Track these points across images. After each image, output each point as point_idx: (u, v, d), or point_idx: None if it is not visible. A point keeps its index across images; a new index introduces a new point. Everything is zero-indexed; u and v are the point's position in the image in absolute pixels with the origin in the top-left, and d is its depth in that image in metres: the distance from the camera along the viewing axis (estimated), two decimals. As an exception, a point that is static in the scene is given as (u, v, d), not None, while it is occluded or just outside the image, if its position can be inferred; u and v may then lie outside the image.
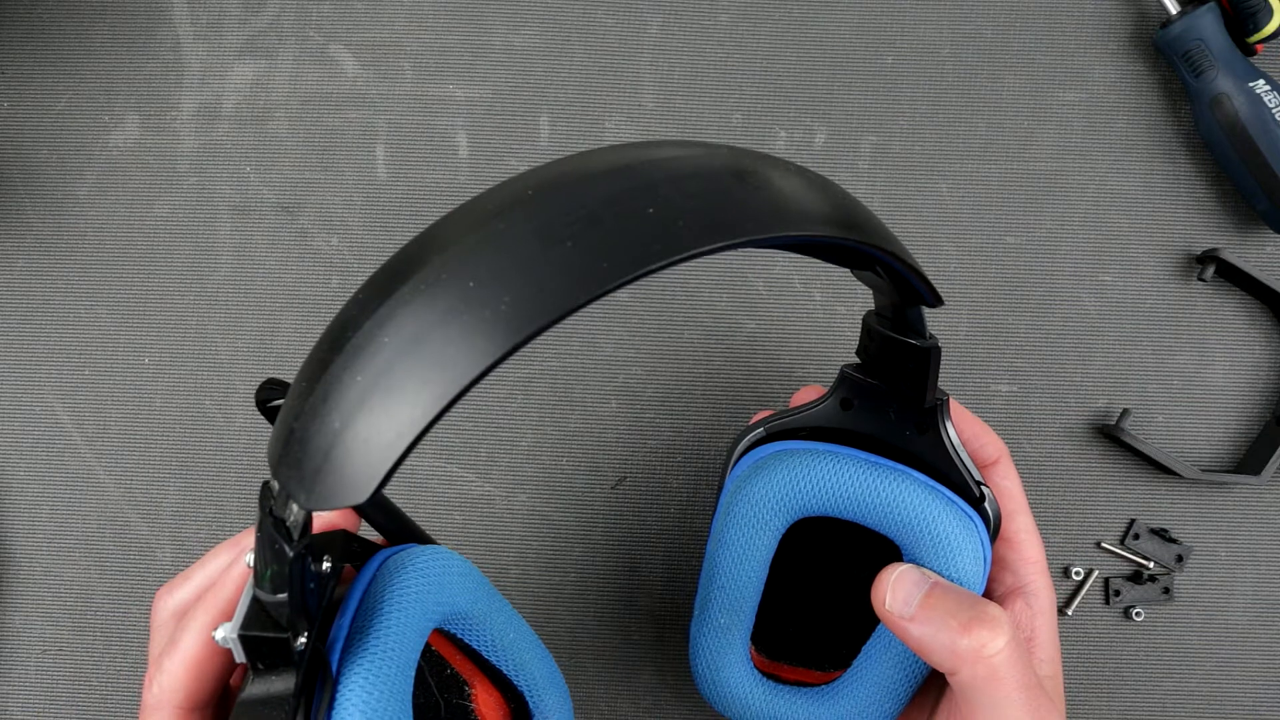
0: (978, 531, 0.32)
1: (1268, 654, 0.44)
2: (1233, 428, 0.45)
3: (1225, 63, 0.43)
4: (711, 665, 0.35)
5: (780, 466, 0.33)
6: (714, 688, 0.35)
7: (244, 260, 0.46)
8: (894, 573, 0.31)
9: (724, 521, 0.34)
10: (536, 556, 0.44)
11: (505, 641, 0.32)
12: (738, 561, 0.34)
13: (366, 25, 0.47)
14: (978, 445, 0.35)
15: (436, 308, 0.20)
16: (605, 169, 0.22)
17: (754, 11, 0.46)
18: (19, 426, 0.45)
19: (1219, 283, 0.45)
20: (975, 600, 0.30)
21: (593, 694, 0.44)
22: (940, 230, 0.45)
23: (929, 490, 0.32)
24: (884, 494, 0.32)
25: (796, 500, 0.33)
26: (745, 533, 0.34)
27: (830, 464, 0.33)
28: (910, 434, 0.33)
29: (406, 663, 0.27)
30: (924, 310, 0.29)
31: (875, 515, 0.32)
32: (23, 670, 0.44)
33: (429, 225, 0.22)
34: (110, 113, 0.46)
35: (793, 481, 0.33)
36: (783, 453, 0.34)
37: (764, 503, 0.33)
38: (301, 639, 0.24)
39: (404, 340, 0.20)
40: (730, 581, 0.34)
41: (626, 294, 0.45)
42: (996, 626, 0.30)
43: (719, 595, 0.35)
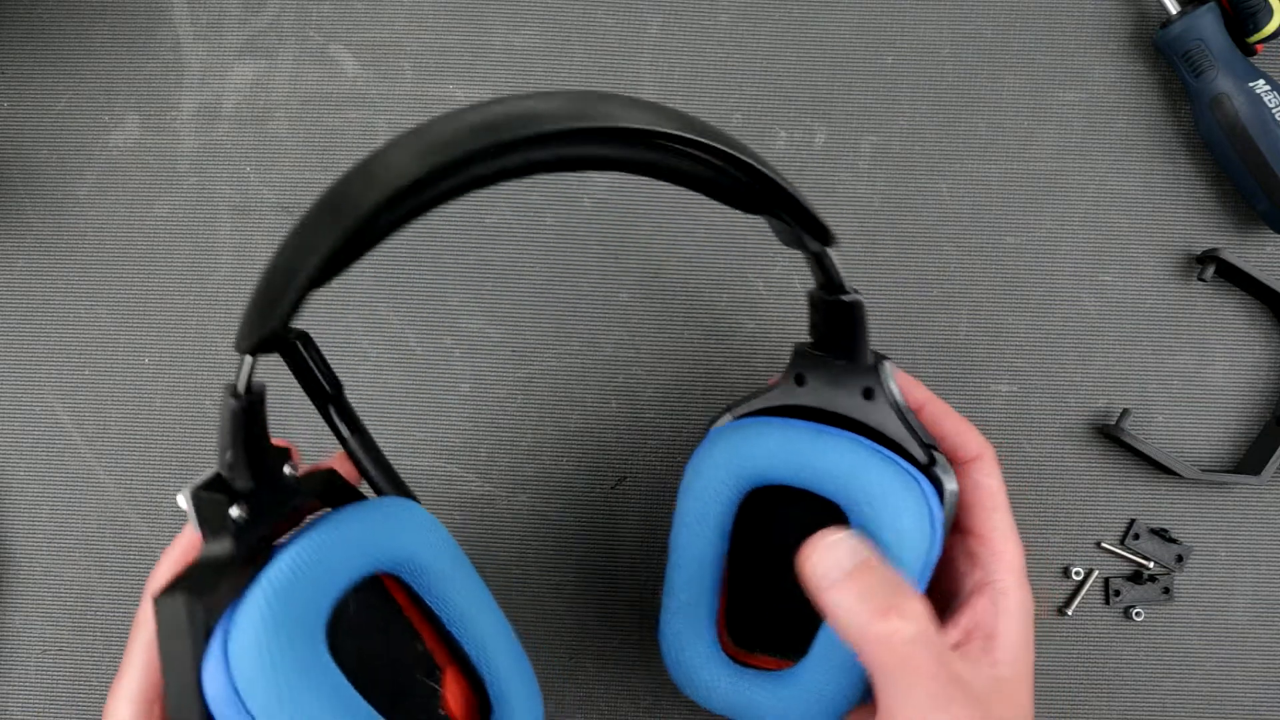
0: (920, 489, 0.32)
1: (1268, 654, 0.44)
2: (1233, 428, 0.45)
3: (1225, 63, 0.43)
4: (676, 645, 0.35)
5: (724, 440, 0.34)
6: (680, 669, 0.35)
7: (244, 260, 0.46)
8: (830, 537, 0.31)
9: (679, 499, 0.35)
10: (536, 556, 0.44)
11: (465, 612, 0.32)
12: (692, 534, 0.35)
13: (366, 25, 0.47)
14: (959, 441, 0.35)
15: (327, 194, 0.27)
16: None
17: (754, 11, 0.46)
18: (19, 426, 0.45)
19: (1219, 283, 0.45)
20: (899, 586, 0.30)
21: (593, 694, 0.44)
22: (940, 230, 0.45)
23: (869, 451, 0.33)
24: (823, 456, 0.33)
25: (741, 468, 0.34)
26: (696, 504, 0.35)
27: (772, 432, 0.34)
28: (859, 402, 0.34)
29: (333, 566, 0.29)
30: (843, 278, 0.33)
31: (817, 478, 0.33)
32: (23, 670, 0.44)
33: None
34: (110, 113, 0.46)
35: (735, 450, 0.34)
36: (730, 428, 0.35)
37: (710, 473, 0.34)
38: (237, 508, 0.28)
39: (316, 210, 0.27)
40: (687, 557, 0.35)
41: (627, 294, 0.45)
42: (908, 616, 0.30)
43: (678, 573, 0.35)
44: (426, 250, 0.46)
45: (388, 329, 0.45)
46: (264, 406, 0.29)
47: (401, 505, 0.32)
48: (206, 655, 0.27)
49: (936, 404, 0.36)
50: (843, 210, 0.45)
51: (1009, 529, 0.34)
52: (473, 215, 0.46)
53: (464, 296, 0.45)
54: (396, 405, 0.45)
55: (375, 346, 0.45)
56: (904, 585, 0.31)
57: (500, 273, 0.46)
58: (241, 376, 0.28)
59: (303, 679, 0.27)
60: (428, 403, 0.45)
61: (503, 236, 0.46)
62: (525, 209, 0.46)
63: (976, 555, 0.34)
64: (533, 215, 0.46)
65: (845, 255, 0.45)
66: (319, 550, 0.29)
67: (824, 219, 0.32)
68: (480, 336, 0.45)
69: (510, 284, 0.46)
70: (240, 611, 0.27)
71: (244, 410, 0.28)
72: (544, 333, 0.45)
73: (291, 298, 0.25)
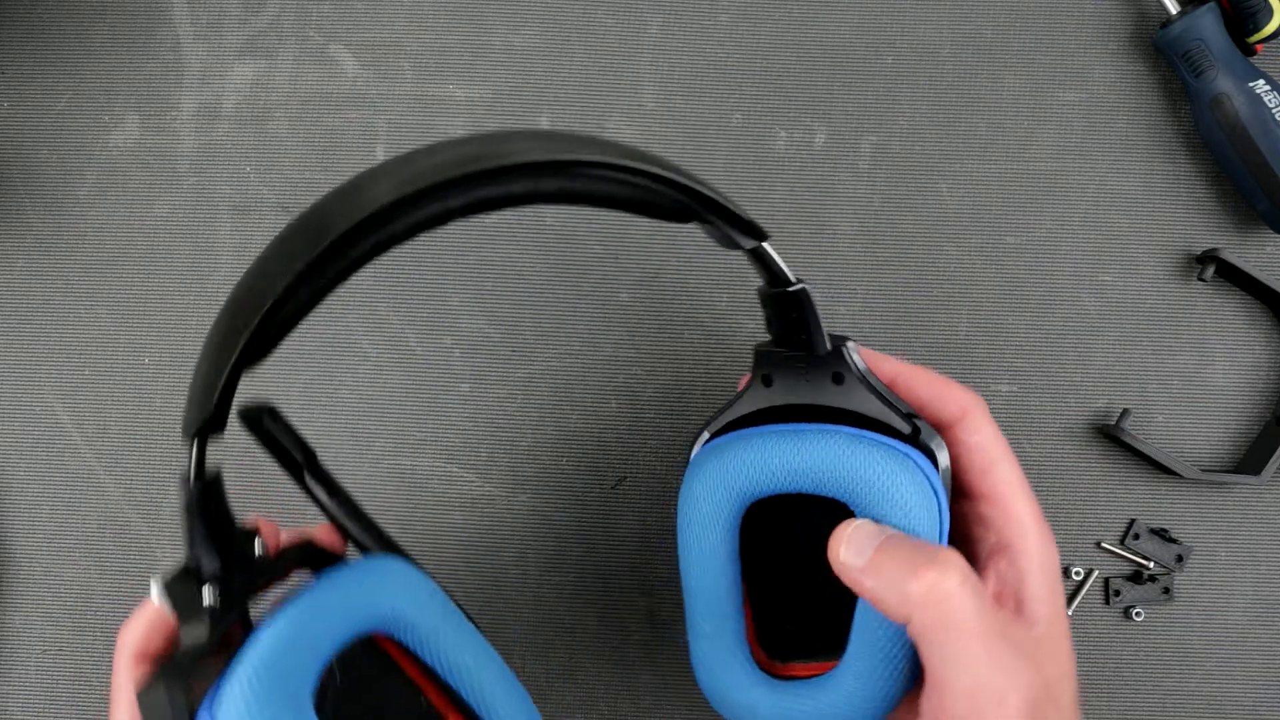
0: (912, 462, 0.32)
1: (1268, 654, 0.44)
2: (1233, 428, 0.45)
3: (1225, 63, 0.43)
4: (711, 674, 0.35)
5: (709, 463, 0.34)
6: (718, 696, 0.35)
7: (244, 260, 0.46)
8: (849, 527, 0.31)
9: (679, 530, 0.34)
10: (536, 556, 0.44)
11: (460, 663, 0.32)
12: (701, 565, 0.34)
13: (366, 25, 0.47)
14: (938, 405, 0.34)
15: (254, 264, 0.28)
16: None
17: (754, 11, 0.46)
18: (19, 426, 0.45)
19: (1219, 283, 0.45)
20: (928, 546, 0.30)
21: (593, 694, 0.44)
22: (940, 230, 0.45)
23: (851, 438, 0.32)
24: (809, 457, 0.32)
25: (731, 489, 0.33)
26: (698, 535, 0.34)
27: (753, 445, 0.33)
28: (831, 389, 0.34)
29: (316, 635, 0.29)
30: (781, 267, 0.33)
31: (810, 480, 0.32)
32: (23, 670, 0.44)
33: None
34: (110, 113, 0.46)
35: (723, 473, 0.33)
36: (711, 450, 0.34)
37: (704, 501, 0.33)
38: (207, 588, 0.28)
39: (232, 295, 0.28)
40: (701, 587, 0.34)
41: (627, 294, 0.45)
42: (946, 568, 0.29)
43: (696, 604, 0.34)
44: (426, 250, 0.46)
45: (388, 329, 0.45)
46: (221, 488, 0.30)
47: (383, 563, 0.32)
48: None
49: (908, 372, 0.35)
50: (843, 210, 0.45)
51: (1014, 482, 0.32)
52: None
53: (464, 296, 0.45)
54: (396, 405, 0.45)
55: (375, 346, 0.45)
56: (932, 545, 0.30)
57: (500, 273, 0.46)
58: (192, 461, 0.28)
59: None
60: (428, 403, 0.45)
61: (503, 236, 0.46)
62: (525, 209, 0.46)
63: (988, 518, 0.33)
64: (533, 215, 0.46)
65: (845, 255, 0.45)
66: (299, 621, 0.29)
67: (750, 216, 0.32)
68: (480, 336, 0.45)
69: (510, 284, 0.46)
70: (223, 693, 0.27)
71: (199, 497, 0.28)
72: (544, 333, 0.45)
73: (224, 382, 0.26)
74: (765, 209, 0.45)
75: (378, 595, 0.31)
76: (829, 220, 0.46)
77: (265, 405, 0.33)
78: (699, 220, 0.33)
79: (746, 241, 0.33)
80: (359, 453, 0.45)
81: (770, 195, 0.45)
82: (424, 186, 0.26)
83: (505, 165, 0.27)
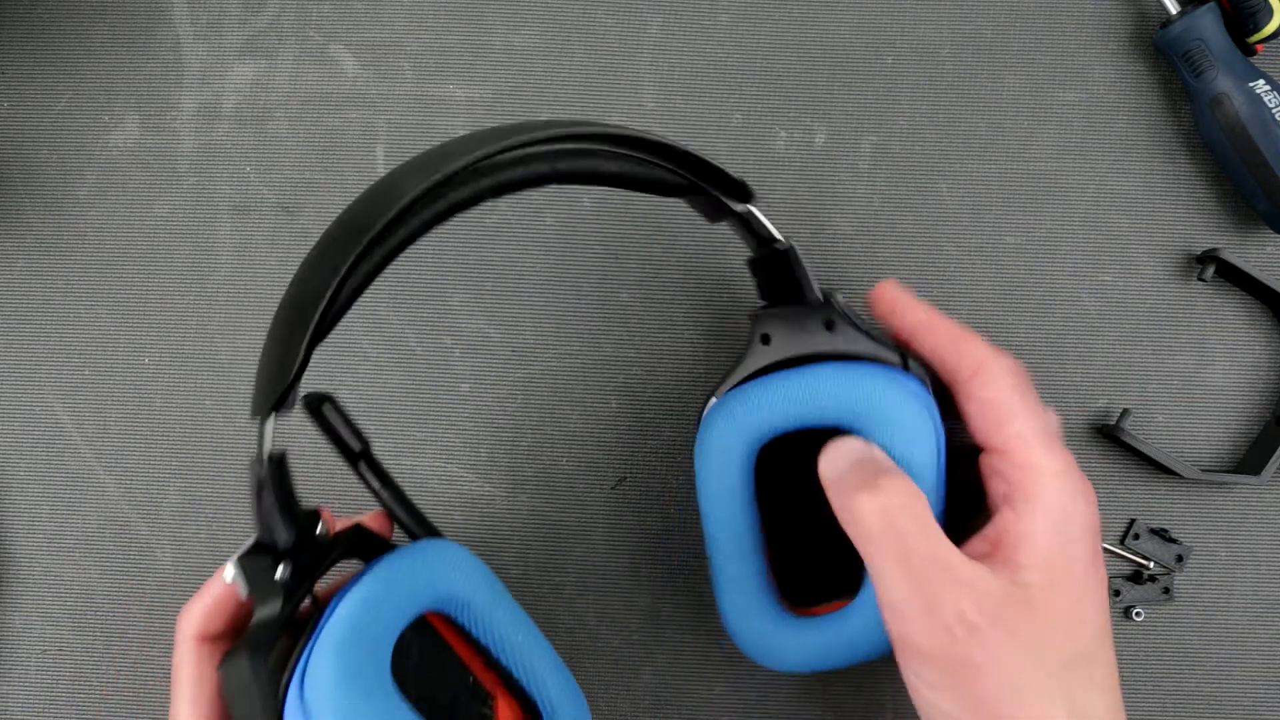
0: (908, 382, 0.34)
1: (1268, 654, 0.44)
2: (1233, 428, 0.45)
3: (1225, 63, 0.43)
4: (740, 618, 0.36)
5: (722, 412, 0.36)
6: (748, 639, 0.36)
7: (244, 260, 0.46)
8: (837, 442, 0.32)
9: (699, 481, 0.36)
10: (536, 556, 0.44)
11: (512, 641, 0.34)
12: (722, 508, 0.36)
13: (366, 25, 0.47)
14: (956, 360, 0.34)
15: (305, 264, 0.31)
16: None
17: (754, 11, 0.46)
18: (19, 426, 0.45)
19: (1219, 283, 0.45)
20: (889, 468, 0.31)
21: (593, 694, 0.44)
22: (940, 230, 0.45)
23: (850, 368, 0.35)
24: (814, 388, 0.35)
25: (745, 429, 0.35)
26: (717, 480, 0.36)
27: (762, 388, 0.35)
28: (825, 336, 0.37)
29: (389, 611, 0.31)
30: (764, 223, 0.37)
31: (816, 410, 0.35)
32: (23, 670, 0.44)
33: None
34: (110, 113, 0.46)
35: (736, 417, 0.35)
36: (722, 403, 0.36)
37: (719, 446, 0.36)
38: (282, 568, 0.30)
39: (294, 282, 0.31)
40: (725, 532, 0.36)
41: (627, 294, 0.45)
42: (891, 487, 0.30)
43: (720, 548, 0.36)
44: (426, 250, 0.46)
45: (388, 329, 0.45)
46: (287, 468, 0.31)
47: (441, 546, 0.34)
48: (286, 705, 0.28)
49: (929, 323, 0.35)
50: (843, 210, 0.45)
51: (1029, 435, 0.32)
52: (473, 215, 0.46)
53: (464, 296, 0.45)
54: (396, 405, 0.45)
55: (375, 346, 0.45)
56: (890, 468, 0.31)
57: (500, 273, 0.46)
58: (266, 439, 0.29)
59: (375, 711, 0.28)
60: (428, 403, 0.45)
61: (503, 236, 0.46)
62: (525, 209, 0.46)
63: (997, 469, 0.32)
64: (533, 215, 0.46)
65: (845, 255, 0.45)
66: (374, 596, 0.30)
67: (739, 177, 0.35)
68: (480, 336, 0.45)
69: (510, 284, 0.46)
70: (312, 662, 0.29)
71: (273, 473, 0.30)
72: (544, 333, 0.45)
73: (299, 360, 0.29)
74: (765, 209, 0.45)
75: (439, 574, 0.33)
76: (829, 220, 0.46)
77: (326, 394, 0.35)
78: (690, 193, 0.36)
79: (737, 205, 0.36)
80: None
81: (770, 195, 0.45)
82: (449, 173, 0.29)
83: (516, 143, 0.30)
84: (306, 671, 0.29)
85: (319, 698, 0.28)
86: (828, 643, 0.35)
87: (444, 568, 0.33)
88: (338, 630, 0.29)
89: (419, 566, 0.33)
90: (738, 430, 0.35)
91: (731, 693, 0.44)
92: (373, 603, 0.30)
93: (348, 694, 0.28)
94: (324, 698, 0.28)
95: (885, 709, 0.44)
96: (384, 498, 0.37)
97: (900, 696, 0.44)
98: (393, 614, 0.31)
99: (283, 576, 0.30)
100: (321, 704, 0.28)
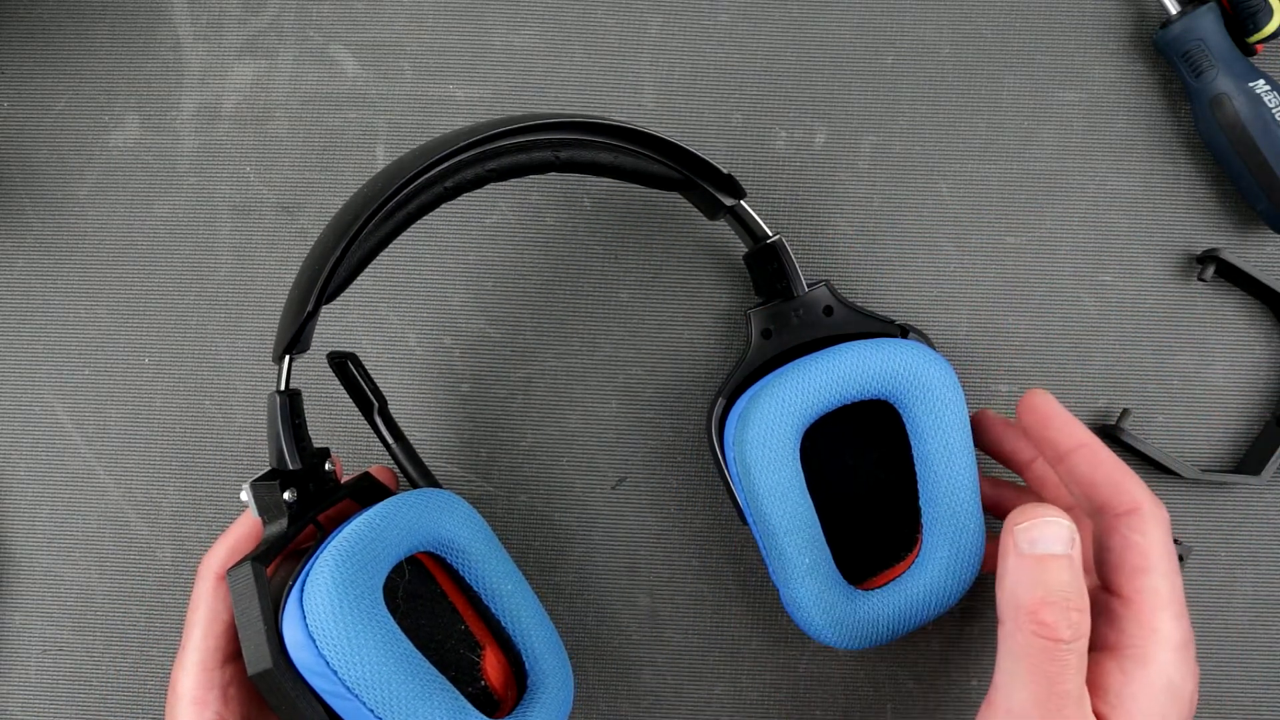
0: (925, 350, 0.36)
1: (1268, 654, 0.44)
2: (1233, 428, 0.45)
3: (1225, 63, 0.43)
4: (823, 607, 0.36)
5: (758, 408, 0.36)
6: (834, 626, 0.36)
7: (244, 260, 0.46)
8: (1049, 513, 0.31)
9: (746, 475, 0.36)
10: (536, 556, 0.44)
11: (502, 590, 0.36)
12: (782, 502, 0.36)
13: (366, 25, 0.47)
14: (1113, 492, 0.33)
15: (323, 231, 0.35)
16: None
17: (754, 11, 0.46)
18: (19, 426, 0.45)
19: (1219, 283, 0.45)
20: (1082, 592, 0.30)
21: (593, 694, 0.44)
22: (940, 230, 0.45)
23: (870, 343, 0.36)
24: (846, 365, 0.36)
25: (791, 416, 0.36)
26: (771, 473, 0.36)
27: (792, 375, 0.36)
28: (826, 321, 0.39)
29: (389, 539, 0.33)
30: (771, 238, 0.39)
31: (855, 384, 0.36)
32: (23, 670, 0.44)
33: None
34: (110, 113, 0.46)
35: (776, 407, 0.36)
36: (750, 398, 0.37)
37: (767, 439, 0.36)
38: (289, 493, 0.34)
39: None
40: (788, 523, 0.36)
41: (627, 294, 0.45)
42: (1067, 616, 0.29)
43: (789, 541, 0.36)
44: (426, 250, 0.46)
45: (388, 329, 0.45)
46: (301, 405, 0.35)
47: (446, 495, 0.36)
48: (285, 607, 0.31)
49: (1093, 447, 0.34)
50: (843, 210, 0.45)
51: (1164, 595, 0.31)
52: (473, 215, 0.46)
53: (464, 296, 0.45)
54: (396, 405, 0.45)
55: (375, 346, 0.45)
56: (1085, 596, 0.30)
57: (500, 273, 0.46)
58: (283, 376, 0.34)
59: (368, 628, 0.31)
60: (428, 403, 0.45)
61: (503, 236, 0.46)
62: (525, 209, 0.46)
63: (1119, 618, 0.31)
64: (533, 215, 0.46)
65: (845, 255, 0.45)
66: (375, 525, 0.33)
67: (729, 172, 0.38)
68: (480, 336, 0.45)
69: (510, 284, 0.46)
70: (312, 572, 0.31)
71: (288, 405, 0.34)
72: (544, 333, 0.45)
73: (310, 305, 0.33)
74: (765, 209, 0.45)
75: (439, 518, 0.35)
76: (829, 220, 0.46)
77: (350, 353, 0.38)
78: (685, 187, 0.38)
79: (727, 199, 0.38)
80: (359, 452, 0.45)
81: (771, 195, 0.45)
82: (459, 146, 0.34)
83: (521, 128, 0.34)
84: (306, 579, 0.31)
85: (315, 601, 0.31)
86: (902, 608, 0.36)
87: (445, 513, 0.36)
88: (339, 546, 0.32)
89: (421, 507, 0.35)
90: (782, 419, 0.36)
91: (731, 693, 0.44)
92: (375, 529, 0.33)
93: (342, 600, 0.31)
94: (319, 601, 0.31)
95: (886, 709, 0.44)
96: (394, 450, 0.39)
97: (900, 696, 0.44)
98: (392, 542, 0.33)
99: (290, 500, 0.33)
100: (317, 608, 0.30)
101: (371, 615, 0.31)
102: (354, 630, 0.31)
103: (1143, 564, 0.31)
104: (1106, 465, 0.33)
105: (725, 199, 0.38)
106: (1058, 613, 0.29)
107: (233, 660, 0.34)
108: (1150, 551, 0.31)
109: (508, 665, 0.36)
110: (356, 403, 0.39)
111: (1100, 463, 0.33)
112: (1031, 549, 0.30)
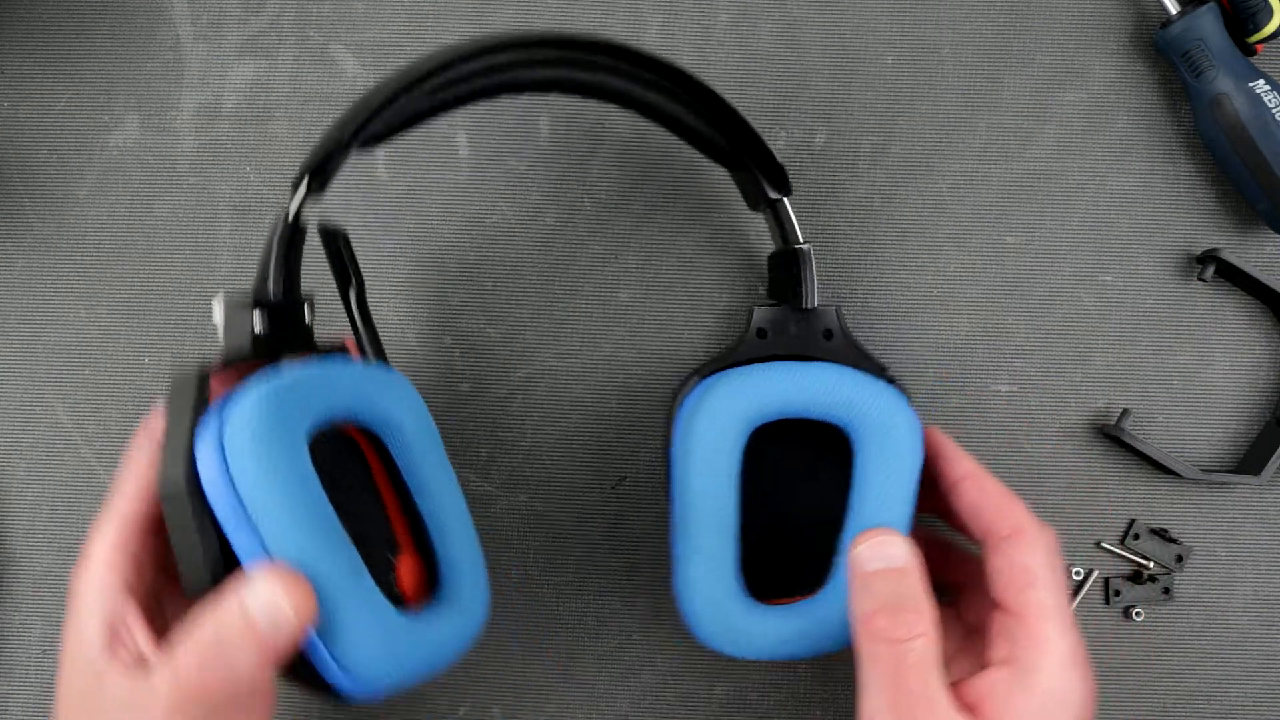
0: (895, 394, 0.35)
1: (1268, 654, 0.44)
2: (1233, 428, 0.45)
3: (1225, 63, 0.43)
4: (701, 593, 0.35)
5: (724, 385, 0.36)
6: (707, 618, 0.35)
7: (244, 260, 0.46)
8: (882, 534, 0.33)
9: (684, 448, 0.35)
10: (536, 556, 0.44)
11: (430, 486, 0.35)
12: (705, 486, 0.35)
13: (366, 25, 0.47)
14: (996, 516, 0.34)
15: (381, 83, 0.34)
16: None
17: (754, 11, 0.46)
18: (19, 426, 0.45)
19: (1219, 283, 0.45)
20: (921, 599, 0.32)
21: (593, 694, 0.44)
22: (940, 230, 0.45)
23: (850, 372, 0.36)
24: (814, 382, 0.35)
25: (742, 411, 0.35)
26: (705, 448, 0.35)
27: (765, 372, 0.36)
28: (821, 343, 0.39)
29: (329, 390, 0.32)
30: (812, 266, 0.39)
31: (816, 403, 0.35)
32: (23, 670, 0.44)
33: None
34: (110, 113, 0.46)
35: (737, 392, 0.35)
36: (722, 377, 0.36)
37: (713, 424, 0.35)
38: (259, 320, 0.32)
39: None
40: (703, 500, 0.35)
41: (627, 294, 0.45)
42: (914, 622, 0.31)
43: (697, 519, 0.35)
44: (426, 250, 0.46)
45: (388, 329, 0.45)
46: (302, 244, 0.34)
47: (399, 376, 0.35)
48: (203, 422, 0.30)
49: (981, 477, 0.35)
50: (843, 210, 0.45)
51: (1050, 608, 0.32)
52: (473, 215, 0.46)
53: (464, 296, 0.45)
54: (396, 405, 0.45)
55: (375, 346, 0.45)
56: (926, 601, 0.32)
57: (500, 273, 0.46)
58: (294, 204, 0.33)
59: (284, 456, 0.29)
60: (428, 402, 0.45)
61: (503, 236, 0.46)
62: (525, 209, 0.46)
63: (1009, 631, 0.32)
64: (533, 215, 0.46)
65: (845, 255, 0.45)
66: (320, 374, 0.32)
67: (782, 163, 0.38)
68: (480, 336, 0.45)
69: (510, 284, 0.46)
70: (237, 395, 0.30)
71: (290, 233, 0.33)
72: (544, 333, 0.45)
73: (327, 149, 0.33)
74: (765, 209, 0.45)
75: (384, 393, 0.34)
76: (829, 220, 0.46)
77: (343, 230, 0.38)
78: (735, 165, 0.38)
79: (772, 191, 0.38)
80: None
81: (770, 195, 0.45)
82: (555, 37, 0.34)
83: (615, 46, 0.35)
84: (230, 400, 0.30)
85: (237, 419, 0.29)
86: (790, 631, 0.35)
87: (392, 390, 0.34)
88: (278, 378, 0.31)
89: (373, 378, 0.34)
90: (737, 407, 0.35)
91: (731, 693, 0.44)
92: (320, 376, 0.32)
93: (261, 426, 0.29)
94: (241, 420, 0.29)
95: (885, 709, 0.44)
96: (360, 330, 0.38)
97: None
98: (333, 394, 0.32)
99: (260, 328, 0.32)
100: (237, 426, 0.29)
101: (289, 447, 0.30)
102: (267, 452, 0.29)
103: (1028, 580, 0.32)
104: (991, 493, 0.35)
105: (771, 191, 0.39)
106: (890, 615, 0.31)
107: (154, 536, 0.33)
108: (1034, 568, 0.33)
109: (424, 573, 0.35)
110: (336, 278, 0.38)
111: (986, 490, 0.35)
112: (865, 566, 0.33)
